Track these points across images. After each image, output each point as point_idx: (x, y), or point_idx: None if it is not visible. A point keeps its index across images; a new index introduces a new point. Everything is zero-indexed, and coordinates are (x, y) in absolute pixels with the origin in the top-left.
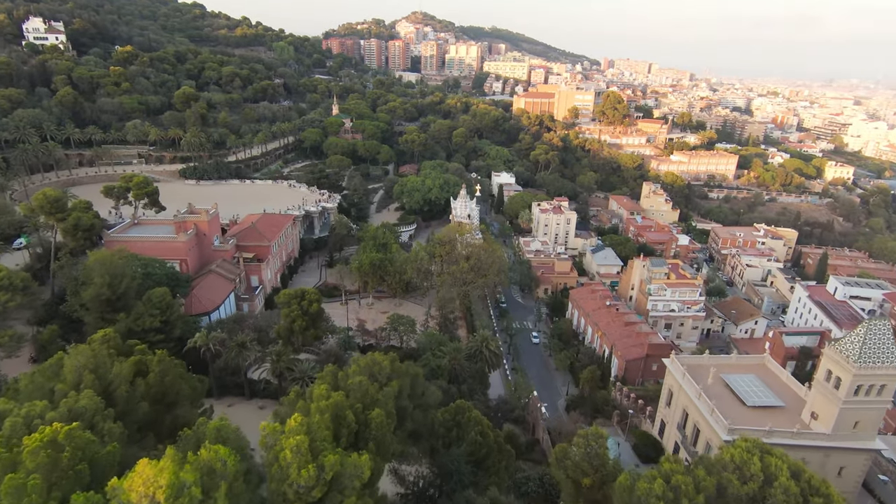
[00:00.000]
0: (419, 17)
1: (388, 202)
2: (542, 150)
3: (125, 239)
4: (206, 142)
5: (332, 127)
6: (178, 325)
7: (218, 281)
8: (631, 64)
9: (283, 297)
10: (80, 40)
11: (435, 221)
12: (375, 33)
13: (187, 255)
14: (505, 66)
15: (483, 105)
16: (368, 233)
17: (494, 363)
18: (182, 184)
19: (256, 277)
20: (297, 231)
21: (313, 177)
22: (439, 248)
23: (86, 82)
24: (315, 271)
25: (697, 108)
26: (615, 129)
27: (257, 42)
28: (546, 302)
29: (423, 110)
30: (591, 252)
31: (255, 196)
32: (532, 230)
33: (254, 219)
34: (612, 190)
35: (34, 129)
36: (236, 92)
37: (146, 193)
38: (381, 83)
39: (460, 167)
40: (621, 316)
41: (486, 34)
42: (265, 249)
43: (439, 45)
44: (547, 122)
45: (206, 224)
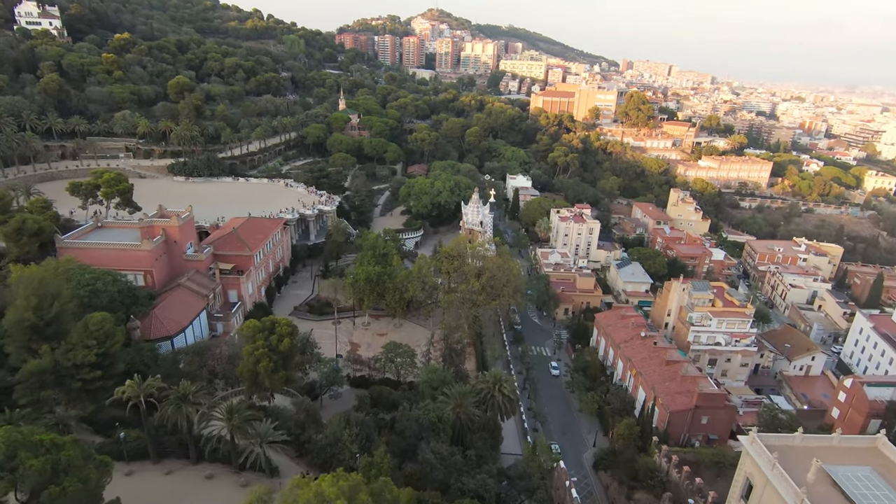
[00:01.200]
0: (435, 14)
1: (394, 205)
2: (560, 152)
3: (81, 246)
4: (198, 135)
5: (337, 123)
6: (124, 358)
7: (186, 297)
8: (650, 65)
9: (246, 329)
10: (77, 26)
11: (444, 227)
12: (390, 29)
13: (153, 266)
14: (521, 65)
15: (499, 103)
16: (367, 241)
17: (509, 410)
18: (170, 180)
19: (235, 292)
20: (287, 237)
21: (312, 176)
22: (446, 262)
23: (76, 70)
24: (308, 283)
25: (721, 112)
26: (639, 131)
27: (267, 35)
28: (566, 325)
29: (436, 108)
30: (617, 267)
31: (248, 196)
32: (550, 240)
33: (237, 223)
34: (636, 196)
35: (12, 117)
36: (238, 84)
37: (118, 191)
38: (393, 79)
39: (473, 169)
40: (660, 352)
41: (502, 33)
42: (247, 260)
43: (455, 42)
44: (566, 123)
45: (177, 230)
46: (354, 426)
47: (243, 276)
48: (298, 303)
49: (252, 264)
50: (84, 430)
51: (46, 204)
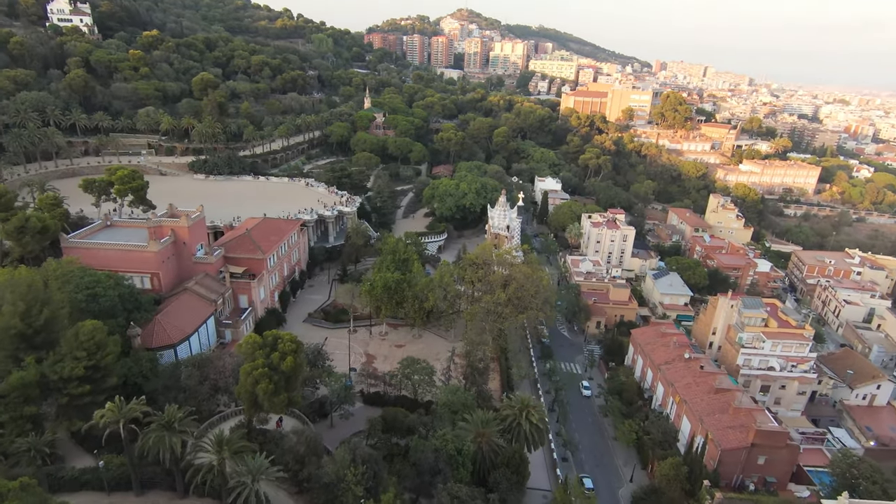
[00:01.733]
0: (465, 14)
1: (417, 207)
2: (592, 154)
3: (86, 246)
4: (220, 133)
5: (362, 121)
6: (118, 371)
7: (193, 302)
8: (685, 67)
9: (244, 346)
10: (107, 24)
11: (468, 231)
12: (419, 29)
13: (160, 269)
14: (552, 65)
15: (528, 103)
16: (387, 245)
17: (537, 440)
18: (191, 178)
19: (246, 297)
20: (305, 239)
21: (333, 175)
22: (470, 271)
23: (103, 66)
24: (324, 287)
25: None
26: (675, 133)
27: (296, 34)
28: (598, 339)
29: (463, 107)
30: (653, 277)
31: (267, 195)
32: (581, 247)
33: (251, 224)
34: (672, 201)
35: (37, 112)
36: (264, 82)
37: (131, 189)
38: (420, 77)
39: (500, 170)
40: (708, 378)
41: (532, 33)
42: (259, 263)
43: (484, 42)
44: (598, 124)
45: (187, 230)
46: (361, 464)
47: (255, 281)
48: (313, 309)
49: (265, 268)
50: (75, 449)
51: (56, 201)
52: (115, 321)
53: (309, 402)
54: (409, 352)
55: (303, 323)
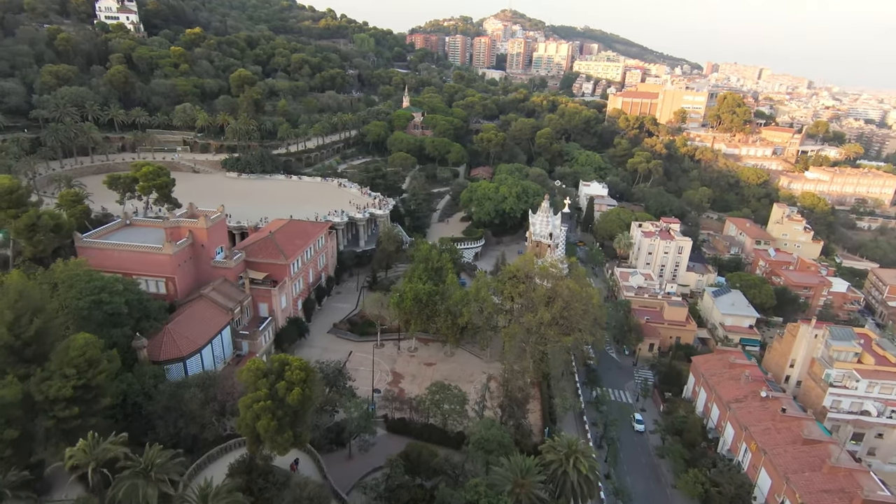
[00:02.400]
0: (508, 14)
1: (454, 210)
2: (641, 158)
3: (100, 246)
4: (254, 130)
5: (400, 120)
6: (110, 391)
7: (208, 311)
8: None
9: (245, 373)
10: (153, 21)
11: (507, 237)
12: (462, 30)
13: (175, 273)
14: (597, 66)
15: (572, 104)
16: (420, 252)
17: (587, 494)
18: (223, 176)
19: (266, 306)
20: (333, 243)
21: (368, 176)
22: (510, 286)
23: (145, 63)
24: (352, 295)
25: (824, 119)
26: (733, 136)
27: (339, 34)
28: (652, 364)
29: (504, 108)
30: (713, 295)
31: (298, 195)
32: (630, 258)
33: (276, 226)
34: (729, 210)
35: (76, 108)
36: (303, 80)
37: (155, 186)
38: (461, 77)
39: (543, 173)
40: (791, 424)
41: (577, 34)
42: (281, 269)
43: (527, 42)
44: (648, 126)
45: (205, 232)
46: None
47: (276, 289)
48: (339, 318)
49: (287, 274)
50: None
51: (77, 197)
52: (120, 331)
53: (326, 426)
54: (440, 372)
55: (327, 334)
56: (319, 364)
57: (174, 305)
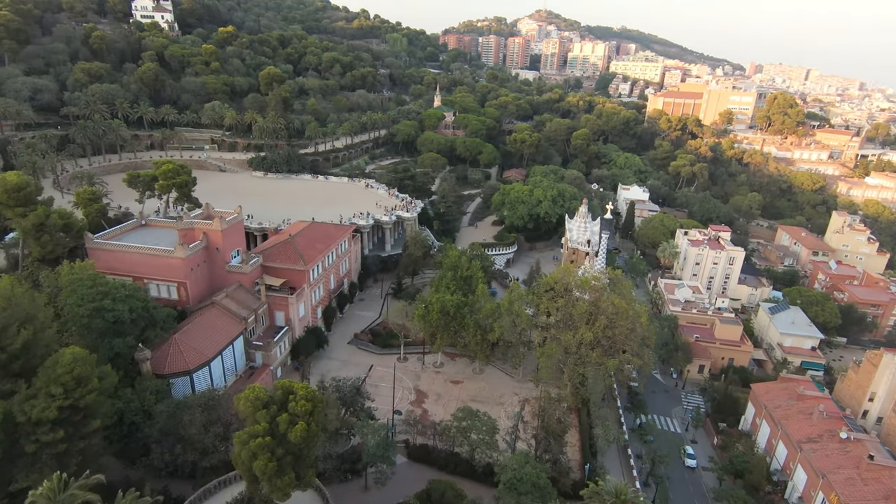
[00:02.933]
0: (543, 15)
1: (485, 214)
2: (685, 161)
3: (111, 248)
4: (281, 129)
5: (430, 120)
6: (101, 411)
7: (219, 319)
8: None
9: (242, 402)
10: (188, 21)
11: (541, 243)
12: (495, 30)
13: (187, 278)
14: (634, 67)
15: (610, 104)
16: (448, 259)
17: None
18: (249, 175)
19: (283, 314)
20: (357, 247)
21: (396, 177)
22: (546, 300)
23: (176, 61)
24: (376, 302)
25: (881, 121)
26: (784, 139)
27: (372, 34)
28: (702, 388)
29: (539, 108)
30: (769, 312)
31: (324, 196)
32: (675, 268)
33: (297, 228)
34: (780, 218)
35: (106, 105)
36: (334, 79)
37: (175, 185)
38: (494, 77)
39: (579, 176)
40: (881, 475)
41: (614, 34)
42: (300, 275)
43: (562, 42)
44: (691, 127)
45: (220, 235)
46: None
47: (293, 297)
48: (361, 328)
49: (306, 281)
50: None
51: (94, 195)
52: (122, 341)
53: (341, 451)
54: (468, 391)
55: (347, 345)
56: (336, 382)
57: (186, 312)
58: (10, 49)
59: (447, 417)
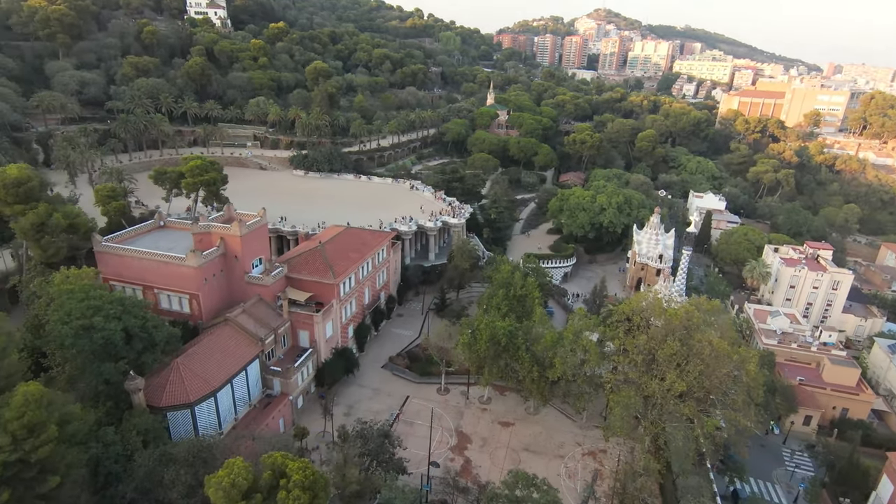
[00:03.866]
0: (602, 14)
1: (539, 221)
2: (767, 167)
3: (120, 252)
4: (325, 126)
5: (482, 118)
6: (63, 463)
7: (232, 340)
8: (866, 70)
9: (214, 489)
10: (240, 17)
11: (602, 256)
12: (552, 30)
13: (200, 289)
14: (700, 66)
15: (678, 104)
16: (499, 274)
17: None
18: (290, 174)
19: (307, 334)
20: (397, 256)
21: (443, 178)
22: (623, 335)
23: (225, 56)
24: (416, 319)
25: None
26: (884, 144)
27: (425, 33)
28: (810, 446)
29: (598, 108)
30: (889, 350)
31: (365, 198)
32: (761, 291)
33: (329, 234)
34: (882, 234)
35: (150, 99)
36: (384, 76)
37: (203, 182)
38: (551, 75)
39: (647, 182)
40: None
41: (677, 34)
42: (328, 289)
43: (622, 42)
44: (772, 129)
45: (239, 241)
46: None
47: (319, 315)
48: (398, 350)
49: (335, 296)
50: None
51: (114, 192)
52: (114, 366)
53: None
54: (520, 437)
55: (381, 369)
56: (361, 426)
57: (198, 329)
58: (63, 43)
59: (494, 473)
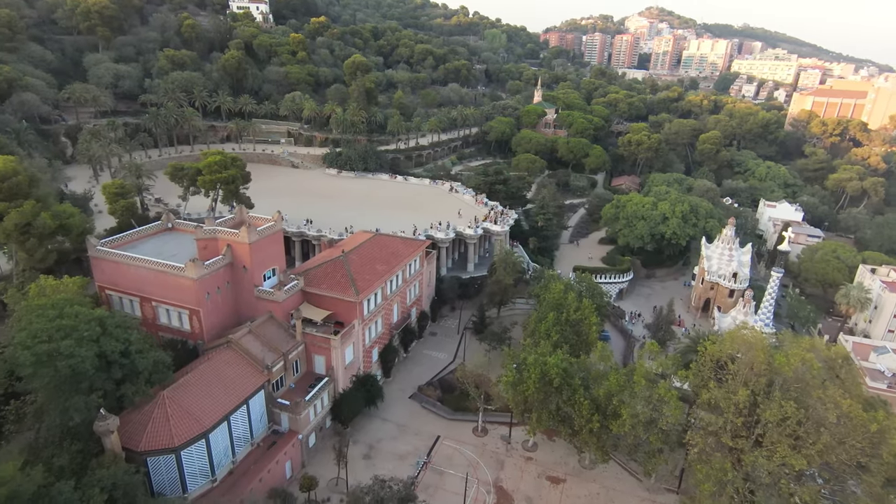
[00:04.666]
0: (655, 12)
1: (590, 229)
2: (851, 174)
3: (117, 259)
4: (360, 122)
5: (529, 117)
6: None
7: (232, 367)
8: None
9: None
10: (283, 13)
11: (662, 270)
12: (601, 28)
13: (201, 304)
14: (762, 66)
15: (742, 104)
16: (551, 294)
17: None
18: (322, 173)
19: (323, 359)
20: (431, 268)
21: (485, 181)
22: (715, 388)
23: (264, 50)
24: (451, 339)
25: None
26: None
27: (470, 31)
28: None
29: (653, 108)
30: None
31: (399, 200)
32: (853, 319)
33: (357, 240)
34: None
35: (184, 93)
36: (426, 72)
37: (221, 180)
38: (602, 73)
39: (712, 188)
40: None
41: (734, 32)
42: (350, 308)
43: (676, 40)
44: (854, 132)
45: (248, 249)
46: None
47: (338, 338)
48: (429, 377)
49: (358, 315)
50: None
51: (123, 189)
52: (83, 400)
53: None
54: (572, 499)
55: (409, 400)
56: (379, 486)
57: (198, 350)
58: (103, 36)
59: None
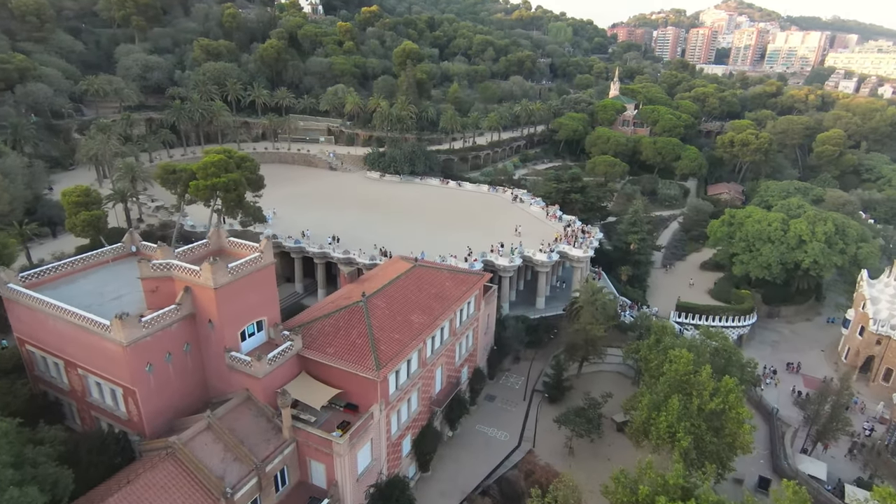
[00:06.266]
0: (733, 5)
1: (687, 249)
2: None
3: (31, 304)
4: (409, 118)
5: (606, 112)
6: None
7: (166, 496)
8: None
9: None
10: (333, 4)
11: (789, 309)
12: (673, 22)
13: (138, 382)
14: (862, 59)
15: (861, 98)
16: (677, 366)
17: None
18: (363, 176)
19: (323, 468)
20: (490, 309)
21: (558, 188)
22: None
23: (308, 41)
24: (513, 408)
25: None
26: None
27: (532, 26)
28: None
29: (746, 104)
30: None
31: (451, 211)
32: None
33: (387, 275)
34: None
35: (217, 86)
36: (485, 64)
37: (220, 186)
38: (683, 65)
39: (851, 201)
40: None
41: (823, 25)
42: (370, 388)
43: (760, 34)
44: None
45: (212, 295)
46: None
47: (345, 441)
48: (482, 474)
49: (381, 397)
50: None
51: (88, 197)
52: None
53: None
54: None
55: None
56: None
57: (133, 454)
58: (138, 26)
59: None
